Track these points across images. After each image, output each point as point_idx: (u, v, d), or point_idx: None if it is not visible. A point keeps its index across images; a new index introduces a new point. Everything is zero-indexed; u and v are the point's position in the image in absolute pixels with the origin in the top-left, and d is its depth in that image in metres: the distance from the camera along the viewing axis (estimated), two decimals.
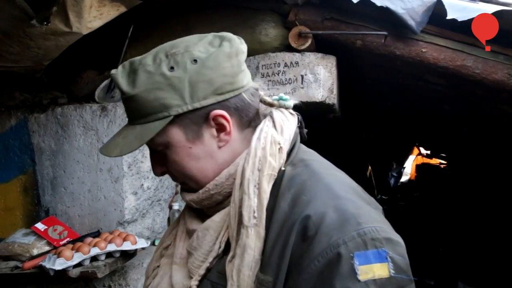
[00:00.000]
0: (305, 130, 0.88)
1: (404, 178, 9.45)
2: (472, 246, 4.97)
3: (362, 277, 0.63)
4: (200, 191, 0.82)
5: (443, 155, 7.95)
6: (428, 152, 8.40)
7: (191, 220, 0.87)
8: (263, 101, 0.86)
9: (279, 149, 0.78)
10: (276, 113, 0.83)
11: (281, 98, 0.85)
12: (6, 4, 1.52)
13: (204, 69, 0.75)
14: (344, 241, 0.65)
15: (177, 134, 0.78)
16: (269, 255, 0.71)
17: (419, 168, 8.70)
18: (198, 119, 0.78)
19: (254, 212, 0.73)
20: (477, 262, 4.62)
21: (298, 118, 0.86)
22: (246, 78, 0.81)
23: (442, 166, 8.48)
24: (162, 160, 0.83)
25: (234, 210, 0.75)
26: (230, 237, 0.75)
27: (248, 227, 0.72)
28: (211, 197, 0.81)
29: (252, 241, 0.72)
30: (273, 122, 0.81)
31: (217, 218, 0.80)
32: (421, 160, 9.01)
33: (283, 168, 0.78)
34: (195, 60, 0.75)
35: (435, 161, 8.76)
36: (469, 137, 4.39)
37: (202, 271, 0.78)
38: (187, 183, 0.84)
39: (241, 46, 0.81)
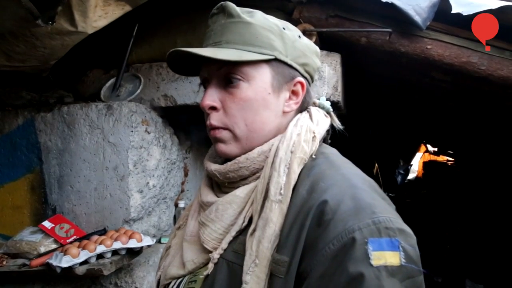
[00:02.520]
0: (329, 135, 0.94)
1: (411, 176, 9.40)
2: (480, 244, 4.94)
3: (374, 262, 0.65)
4: (229, 163, 0.83)
5: (451, 152, 7.90)
6: (435, 149, 8.34)
7: (206, 194, 0.89)
8: None
9: (313, 137, 0.83)
10: (313, 109, 0.90)
11: (321, 100, 0.95)
12: (12, 4, 1.54)
13: (302, 45, 0.88)
14: (359, 227, 0.67)
15: (266, 74, 0.83)
16: (286, 236, 0.73)
17: (426, 165, 8.66)
18: (287, 75, 0.86)
19: (281, 189, 0.76)
20: (485, 259, 4.60)
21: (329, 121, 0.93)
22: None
23: (449, 163, 8.43)
24: (222, 95, 0.83)
25: (262, 185, 0.78)
26: (254, 211, 0.77)
27: (273, 201, 0.75)
28: (238, 171, 0.83)
29: (275, 216, 0.74)
30: (310, 115, 0.88)
31: (241, 193, 0.82)
32: (428, 157, 8.96)
33: (314, 156, 0.82)
34: (299, 36, 0.89)
35: (442, 158, 8.70)
36: (476, 134, 4.36)
37: (224, 245, 0.79)
38: (233, 129, 0.83)
39: None
